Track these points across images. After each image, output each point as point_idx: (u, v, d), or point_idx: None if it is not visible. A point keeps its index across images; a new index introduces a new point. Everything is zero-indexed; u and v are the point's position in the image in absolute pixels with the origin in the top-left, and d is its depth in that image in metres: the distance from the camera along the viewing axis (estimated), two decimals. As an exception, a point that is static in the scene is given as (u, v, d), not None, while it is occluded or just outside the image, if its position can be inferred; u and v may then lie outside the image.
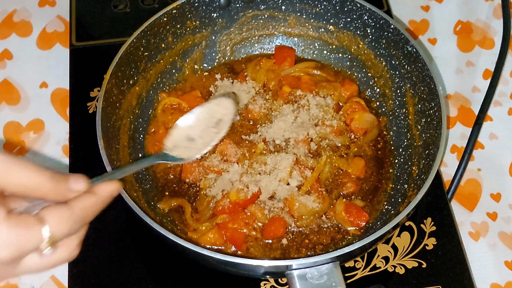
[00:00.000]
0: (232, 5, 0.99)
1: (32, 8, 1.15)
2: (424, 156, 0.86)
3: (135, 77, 0.92)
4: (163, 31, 0.95)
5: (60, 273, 0.87)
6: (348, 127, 0.94)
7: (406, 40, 0.91)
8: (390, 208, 0.88)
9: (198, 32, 0.99)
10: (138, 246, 0.87)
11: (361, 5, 0.95)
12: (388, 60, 0.96)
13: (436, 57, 1.10)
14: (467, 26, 1.14)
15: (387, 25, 0.94)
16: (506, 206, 0.95)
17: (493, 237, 0.92)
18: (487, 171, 0.98)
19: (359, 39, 0.99)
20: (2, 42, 1.10)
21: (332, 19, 0.99)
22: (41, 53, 1.09)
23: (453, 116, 1.03)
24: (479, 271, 0.88)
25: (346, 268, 0.85)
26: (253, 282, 0.84)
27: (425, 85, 0.89)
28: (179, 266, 0.86)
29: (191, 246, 0.72)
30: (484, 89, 1.04)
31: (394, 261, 0.86)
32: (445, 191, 0.93)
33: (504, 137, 1.02)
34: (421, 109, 0.90)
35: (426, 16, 1.16)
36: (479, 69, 1.09)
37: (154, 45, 0.94)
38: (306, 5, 0.99)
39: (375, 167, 0.92)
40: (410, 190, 0.86)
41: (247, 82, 0.98)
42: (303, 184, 0.86)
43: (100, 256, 0.86)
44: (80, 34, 1.07)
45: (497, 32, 1.13)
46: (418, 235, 0.88)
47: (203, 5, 0.97)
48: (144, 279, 0.84)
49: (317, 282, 0.72)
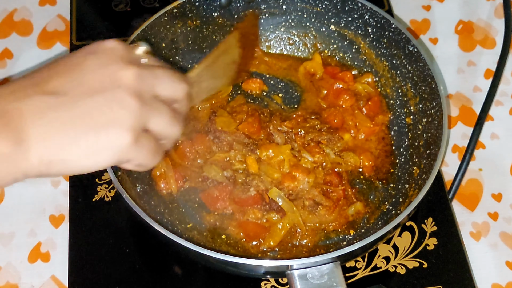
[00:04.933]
0: (233, 4, 0.99)
1: (32, 7, 1.15)
2: (425, 156, 0.86)
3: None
4: (164, 30, 0.94)
5: (60, 273, 0.87)
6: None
7: (407, 40, 0.91)
8: (391, 208, 0.87)
9: (199, 31, 0.99)
10: (139, 246, 0.87)
11: (362, 5, 0.95)
12: (389, 60, 0.96)
13: (437, 56, 1.10)
14: (469, 26, 1.14)
15: (388, 24, 0.94)
16: (507, 206, 0.94)
17: (494, 237, 0.91)
18: (488, 171, 0.98)
19: (360, 38, 0.98)
20: (3, 41, 1.10)
21: (333, 18, 0.99)
22: (41, 52, 1.09)
23: (454, 116, 1.03)
24: (480, 271, 0.88)
25: (347, 268, 0.85)
26: (253, 282, 0.84)
27: (426, 85, 0.89)
28: (180, 266, 0.86)
29: (191, 246, 0.71)
30: (486, 88, 1.04)
31: (395, 261, 0.86)
32: (446, 191, 0.93)
33: (505, 137, 1.01)
34: (422, 108, 0.90)
35: (427, 16, 1.16)
36: (481, 68, 1.09)
37: (155, 45, 0.94)
38: (307, 4, 0.99)
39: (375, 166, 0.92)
40: (411, 190, 0.86)
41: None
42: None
43: (100, 256, 0.86)
44: (81, 33, 1.07)
45: (499, 32, 1.13)
46: (419, 235, 0.88)
47: (203, 4, 0.97)
48: (144, 278, 0.84)
49: (317, 282, 0.72)
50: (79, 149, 0.54)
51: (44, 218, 0.91)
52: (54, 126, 0.53)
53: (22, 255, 0.88)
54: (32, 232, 0.90)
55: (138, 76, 0.57)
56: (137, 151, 0.57)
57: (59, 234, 0.90)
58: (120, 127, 0.55)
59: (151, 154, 0.59)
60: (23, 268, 0.87)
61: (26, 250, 0.89)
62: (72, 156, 0.54)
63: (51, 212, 0.92)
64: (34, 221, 0.91)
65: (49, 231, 0.90)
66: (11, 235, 0.90)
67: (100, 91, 0.55)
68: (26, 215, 0.92)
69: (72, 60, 0.58)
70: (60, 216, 0.91)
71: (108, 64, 0.57)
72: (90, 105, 0.55)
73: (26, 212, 0.92)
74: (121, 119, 0.55)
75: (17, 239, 0.90)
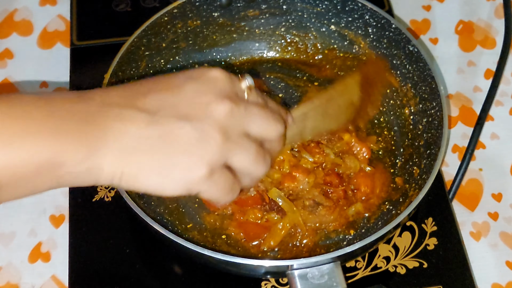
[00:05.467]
0: (233, 5, 0.99)
1: (33, 7, 1.15)
2: (425, 156, 0.86)
3: (136, 77, 0.92)
4: (164, 30, 0.94)
5: (60, 273, 0.87)
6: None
7: (407, 40, 0.91)
8: (391, 208, 0.87)
9: (199, 31, 0.99)
10: (139, 246, 0.87)
11: (362, 5, 0.95)
12: (389, 60, 0.96)
13: (437, 56, 1.10)
14: (469, 26, 1.14)
15: (388, 24, 0.94)
16: (508, 206, 0.94)
17: (494, 237, 0.91)
18: (489, 171, 0.98)
19: (360, 38, 0.98)
20: (3, 42, 1.10)
21: (334, 18, 0.99)
22: (41, 53, 1.09)
23: (455, 116, 1.03)
24: (480, 271, 0.87)
25: (347, 268, 0.85)
26: (253, 282, 0.84)
27: (427, 85, 0.89)
28: (180, 266, 0.86)
29: (191, 246, 0.71)
30: (486, 89, 1.04)
31: (395, 261, 0.86)
32: (446, 191, 0.93)
33: (505, 137, 1.01)
34: (423, 108, 0.90)
35: (427, 16, 1.15)
36: (481, 69, 1.09)
37: (155, 45, 0.94)
38: (308, 4, 0.99)
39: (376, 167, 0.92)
40: (411, 190, 0.86)
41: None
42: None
43: (101, 256, 0.86)
44: (81, 34, 1.07)
45: (499, 32, 1.13)
46: (419, 235, 0.88)
47: (204, 4, 0.97)
48: (145, 278, 0.84)
49: (318, 282, 0.72)
50: (152, 170, 0.54)
51: (44, 218, 0.91)
52: (133, 141, 0.53)
53: (22, 255, 0.88)
54: (32, 232, 0.90)
55: (230, 112, 0.56)
56: (209, 186, 0.56)
57: (59, 234, 0.90)
58: (197, 158, 0.54)
59: (225, 191, 0.58)
60: (23, 268, 0.87)
61: (27, 250, 0.89)
62: (144, 175, 0.54)
63: (51, 212, 0.92)
64: (35, 221, 0.91)
65: (50, 231, 0.90)
66: (12, 235, 0.90)
67: (189, 118, 0.55)
68: (26, 215, 0.92)
69: (172, 81, 0.58)
70: (61, 216, 0.91)
71: (206, 93, 0.56)
72: (175, 130, 0.54)
73: (26, 212, 0.92)
74: (201, 151, 0.54)
75: (17, 239, 0.90)
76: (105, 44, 1.06)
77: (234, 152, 0.57)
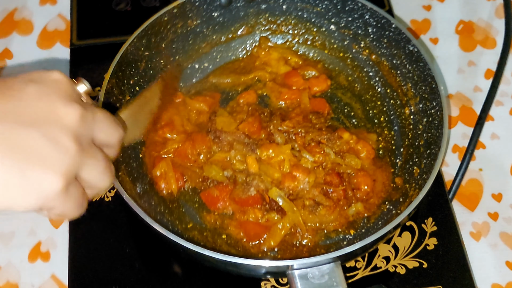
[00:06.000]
0: (233, 4, 0.99)
1: (33, 6, 1.15)
2: (425, 156, 0.86)
3: (136, 77, 0.92)
4: (164, 30, 0.94)
5: (60, 272, 0.87)
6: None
7: (407, 40, 0.91)
8: (391, 208, 0.87)
9: (199, 31, 0.99)
10: (139, 246, 0.87)
11: (362, 5, 0.95)
12: (389, 60, 0.96)
13: (437, 56, 1.10)
14: (469, 26, 1.14)
15: (388, 24, 0.94)
16: (507, 206, 0.94)
17: (494, 237, 0.91)
18: (489, 171, 0.98)
19: (360, 38, 0.98)
20: (3, 41, 1.10)
21: (334, 18, 0.99)
22: (41, 52, 1.09)
23: (455, 116, 1.03)
24: (480, 271, 0.88)
25: (347, 268, 0.85)
26: (253, 282, 0.84)
27: (427, 85, 0.89)
28: (180, 265, 0.86)
29: (192, 246, 0.71)
30: (486, 88, 1.04)
31: (395, 261, 0.86)
32: (446, 191, 0.93)
33: (505, 137, 1.01)
34: (423, 108, 0.90)
35: (427, 16, 1.15)
36: (481, 68, 1.09)
37: (155, 45, 0.94)
38: (308, 4, 0.99)
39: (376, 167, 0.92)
40: (412, 189, 0.86)
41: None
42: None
43: (100, 256, 0.86)
44: (81, 33, 1.07)
45: (499, 32, 1.12)
46: (419, 235, 0.88)
47: (203, 4, 0.97)
48: (145, 278, 0.84)
49: (318, 282, 0.72)
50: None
51: (44, 217, 0.91)
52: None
53: (22, 255, 0.88)
54: (32, 231, 0.90)
55: (81, 117, 0.52)
56: (64, 200, 0.51)
57: (59, 234, 0.90)
58: (52, 170, 0.49)
59: (77, 205, 0.54)
60: (23, 267, 0.87)
61: (26, 250, 0.89)
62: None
63: (51, 212, 0.92)
64: (34, 221, 0.91)
65: (49, 230, 0.90)
66: (11, 235, 0.90)
67: (35, 124, 0.50)
68: (26, 215, 0.91)
69: (10, 85, 0.52)
70: (60, 215, 0.91)
71: (50, 96, 0.52)
72: (22, 137, 0.49)
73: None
74: (55, 162, 0.49)
75: (17, 239, 0.90)
76: (105, 43, 1.06)
77: (86, 162, 0.53)
